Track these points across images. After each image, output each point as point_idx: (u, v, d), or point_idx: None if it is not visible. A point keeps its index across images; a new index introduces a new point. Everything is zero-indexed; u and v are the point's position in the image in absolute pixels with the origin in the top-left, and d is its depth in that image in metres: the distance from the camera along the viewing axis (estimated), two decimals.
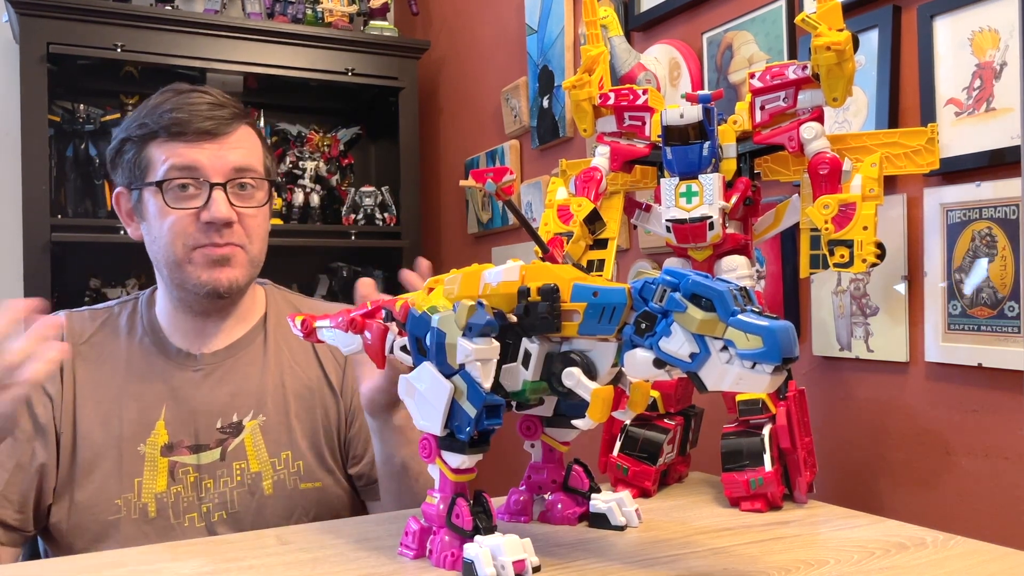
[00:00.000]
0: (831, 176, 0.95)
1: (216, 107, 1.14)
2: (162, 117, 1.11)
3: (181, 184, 1.11)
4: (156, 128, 1.11)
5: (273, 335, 1.25)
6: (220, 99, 1.15)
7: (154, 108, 1.13)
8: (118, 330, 1.19)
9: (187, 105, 1.12)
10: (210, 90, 1.17)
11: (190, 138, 1.11)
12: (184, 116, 1.11)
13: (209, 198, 1.10)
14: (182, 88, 1.16)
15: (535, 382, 0.74)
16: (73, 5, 2.16)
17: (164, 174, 1.11)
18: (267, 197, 1.19)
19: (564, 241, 1.01)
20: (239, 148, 1.15)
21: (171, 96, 1.14)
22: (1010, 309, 1.03)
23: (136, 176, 1.14)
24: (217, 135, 1.12)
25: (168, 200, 1.10)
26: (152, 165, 1.12)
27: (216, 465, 1.15)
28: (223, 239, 1.12)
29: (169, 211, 1.10)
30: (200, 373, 1.18)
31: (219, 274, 1.13)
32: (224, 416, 1.17)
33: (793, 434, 0.99)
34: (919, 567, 0.76)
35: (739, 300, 0.63)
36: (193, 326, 1.19)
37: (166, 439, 1.13)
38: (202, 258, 1.12)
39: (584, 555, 0.79)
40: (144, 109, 1.14)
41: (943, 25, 1.11)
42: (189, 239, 1.11)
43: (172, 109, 1.12)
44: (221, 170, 1.12)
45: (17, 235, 2.17)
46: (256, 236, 1.17)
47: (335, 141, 2.73)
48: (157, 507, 1.10)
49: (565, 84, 1.14)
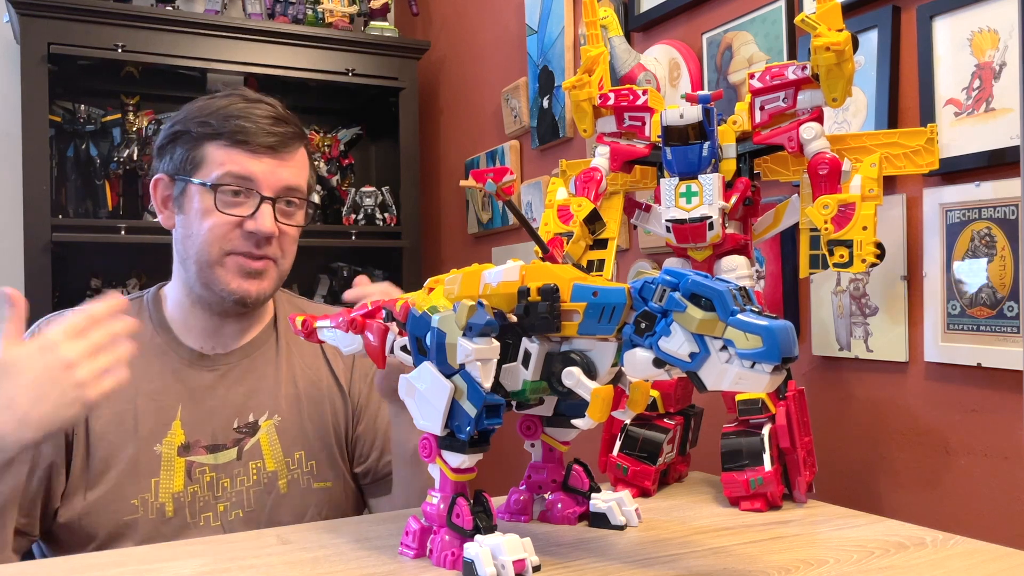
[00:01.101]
0: (831, 176, 0.96)
1: (279, 122, 1.15)
2: (228, 121, 1.12)
3: (234, 190, 1.11)
4: (220, 131, 1.12)
5: (284, 337, 1.26)
6: (282, 114, 1.16)
7: (219, 110, 1.13)
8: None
9: (253, 115, 1.13)
10: (274, 102, 1.17)
11: (252, 148, 1.12)
12: (250, 126, 1.12)
13: (258, 210, 1.12)
14: (249, 96, 1.17)
15: (535, 382, 0.74)
16: (74, 5, 2.16)
17: (219, 178, 1.11)
18: (306, 217, 1.20)
19: (564, 241, 1.01)
20: (293, 167, 1.16)
21: (238, 101, 1.15)
22: (1009, 309, 1.03)
23: (185, 169, 1.14)
24: (277, 151, 1.14)
25: (219, 203, 1.11)
26: (206, 164, 1.12)
27: (233, 464, 1.15)
28: (260, 251, 1.13)
29: (216, 213, 1.11)
30: (216, 373, 1.18)
31: (249, 285, 1.14)
32: (240, 416, 1.18)
33: (793, 434, 0.99)
34: (919, 567, 0.77)
35: (739, 300, 0.63)
36: (209, 325, 1.19)
37: (183, 439, 1.14)
38: (235, 265, 1.13)
39: (584, 554, 0.79)
40: (208, 108, 1.14)
41: (942, 25, 1.11)
42: (227, 244, 1.12)
43: (238, 116, 1.12)
44: (274, 185, 1.13)
45: (18, 235, 2.17)
46: (289, 253, 1.19)
47: (335, 141, 2.73)
48: (174, 507, 1.10)
49: (565, 84, 1.14)
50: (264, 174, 1.13)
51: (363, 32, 2.59)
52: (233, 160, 1.11)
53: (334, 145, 2.73)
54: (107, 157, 2.39)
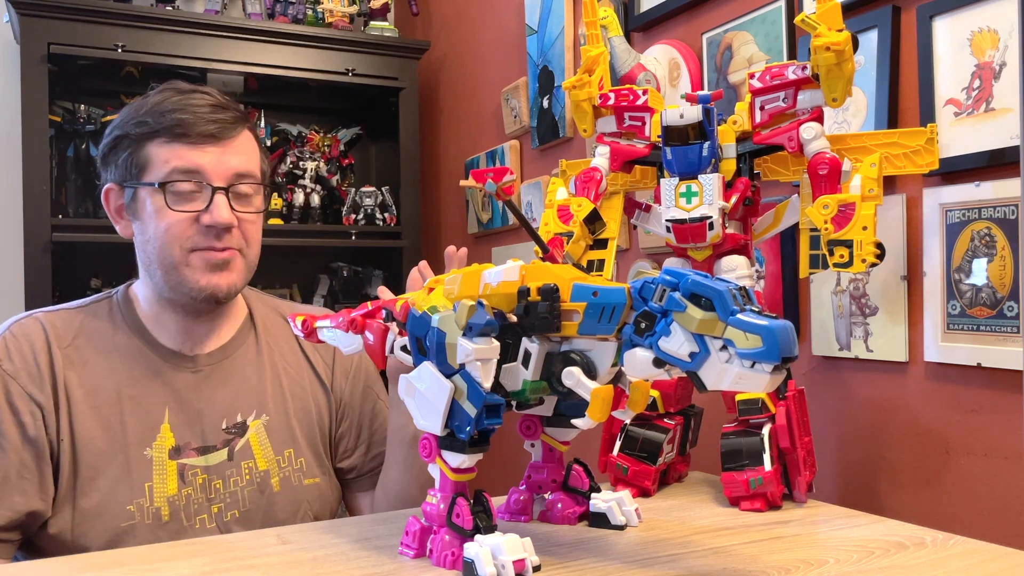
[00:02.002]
0: (830, 176, 0.96)
1: (219, 109, 1.12)
2: (164, 117, 1.10)
3: (183, 188, 1.10)
4: (157, 128, 1.10)
5: (262, 335, 1.25)
6: (221, 100, 1.14)
7: (154, 107, 1.11)
8: (101, 332, 1.16)
9: (190, 106, 1.11)
10: (210, 90, 1.15)
11: (193, 140, 1.10)
12: (188, 117, 1.10)
13: (211, 202, 1.10)
14: (183, 87, 1.14)
15: (535, 382, 0.74)
16: (74, 5, 2.16)
17: (166, 176, 1.09)
18: (264, 203, 1.19)
19: (564, 241, 1.01)
20: (241, 153, 1.14)
21: (172, 95, 1.12)
22: (1009, 309, 1.03)
23: (131, 174, 1.12)
24: (220, 139, 1.11)
25: (169, 202, 1.09)
26: (151, 165, 1.11)
27: (225, 465, 1.15)
28: (222, 243, 1.11)
29: (169, 213, 1.09)
30: (199, 375, 1.17)
31: (218, 279, 1.12)
32: (228, 417, 1.17)
33: (793, 434, 0.99)
34: (919, 567, 0.77)
35: (738, 300, 0.63)
36: (183, 327, 1.17)
37: (173, 442, 1.13)
38: (201, 262, 1.11)
39: (584, 554, 0.79)
40: (143, 107, 1.12)
41: (942, 25, 1.11)
42: (187, 242, 1.10)
43: (174, 109, 1.10)
44: (223, 174, 1.11)
45: (18, 235, 2.17)
46: (253, 241, 1.17)
47: (335, 141, 2.73)
48: (170, 510, 1.09)
49: (565, 84, 1.14)
50: (211, 164, 1.10)
51: (363, 32, 2.59)
52: (177, 155, 1.09)
53: (334, 145, 2.73)
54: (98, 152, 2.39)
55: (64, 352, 1.12)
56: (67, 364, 1.11)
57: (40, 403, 1.08)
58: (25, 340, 1.11)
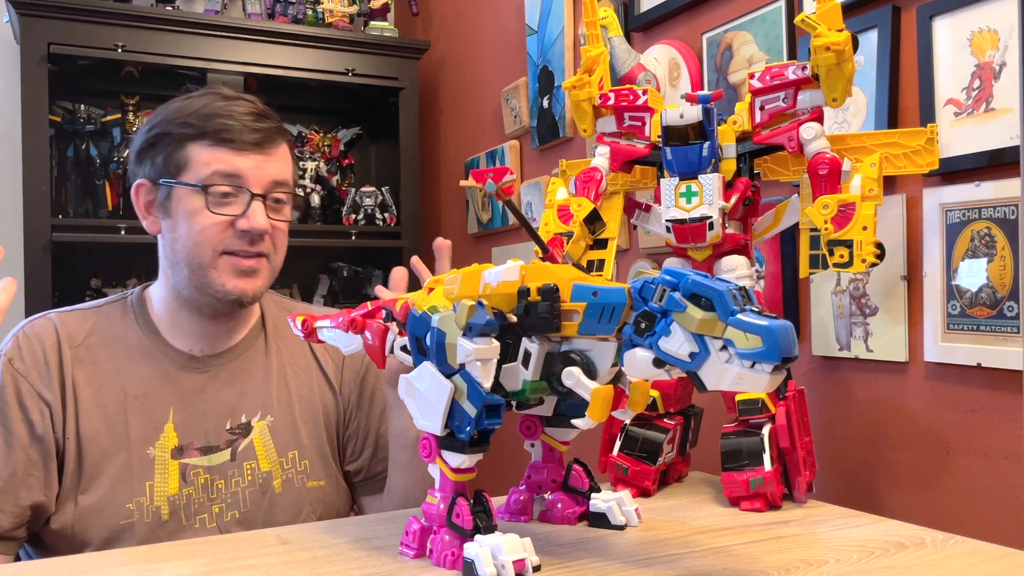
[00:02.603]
0: (830, 176, 0.96)
1: (261, 118, 1.14)
2: (209, 120, 1.11)
3: (223, 191, 1.10)
4: (203, 130, 1.11)
5: (272, 336, 1.25)
6: (263, 109, 1.16)
7: (200, 109, 1.12)
8: (113, 332, 1.17)
9: (235, 112, 1.12)
10: (252, 99, 1.16)
11: (237, 146, 1.11)
12: (234, 124, 1.11)
13: (248, 207, 1.11)
14: (227, 93, 1.16)
15: (535, 382, 0.74)
16: (74, 5, 2.16)
17: (207, 178, 1.10)
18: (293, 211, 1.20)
19: (564, 241, 1.01)
20: (279, 162, 1.15)
21: (216, 100, 1.14)
22: (1009, 309, 1.03)
23: (168, 173, 1.12)
24: (262, 147, 1.13)
25: (210, 204, 1.10)
26: (191, 165, 1.11)
27: (227, 466, 1.15)
28: (254, 248, 1.13)
29: (207, 214, 1.10)
30: (206, 375, 1.18)
31: (245, 284, 1.13)
32: (233, 417, 1.17)
33: (792, 434, 0.99)
34: (919, 567, 0.77)
35: (738, 300, 0.63)
36: (198, 327, 1.18)
37: (176, 442, 1.13)
38: (228, 266, 1.12)
39: (584, 554, 0.79)
40: (186, 109, 1.13)
41: (942, 25, 1.11)
42: (219, 244, 1.11)
43: (219, 115, 1.11)
44: (262, 181, 1.12)
45: (18, 235, 2.17)
46: (280, 248, 1.18)
47: (335, 141, 2.73)
48: (170, 509, 1.10)
49: (565, 84, 1.14)
50: (252, 171, 1.12)
51: (363, 32, 2.59)
52: (220, 159, 1.10)
53: (334, 145, 2.73)
54: (107, 157, 2.39)
55: (74, 351, 1.13)
56: (76, 363, 1.12)
57: (48, 401, 1.09)
58: (37, 339, 1.12)
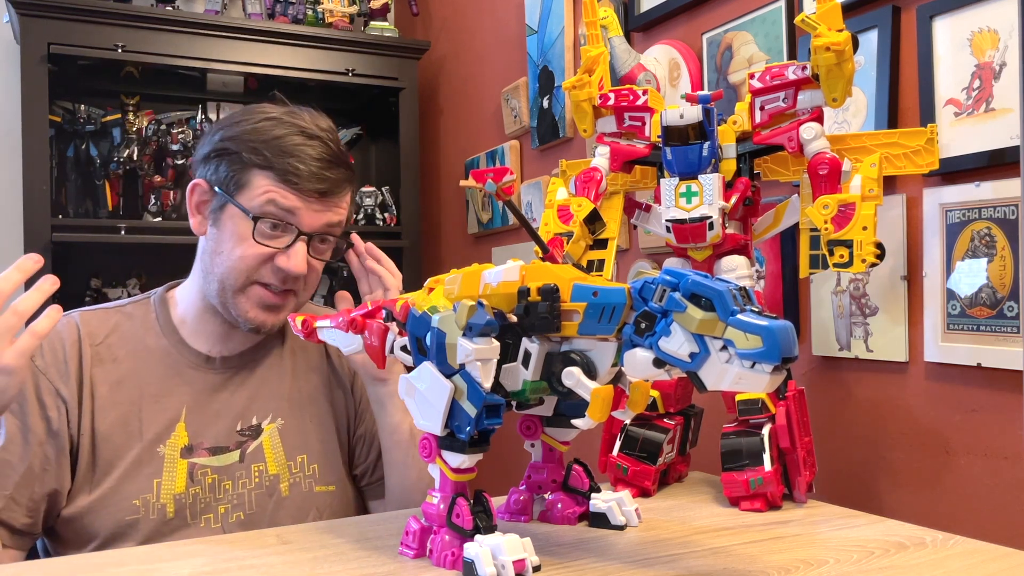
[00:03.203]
0: (831, 176, 0.96)
1: (331, 166, 1.12)
2: (280, 157, 1.09)
3: (273, 223, 1.10)
4: (271, 164, 1.09)
5: (290, 340, 1.26)
6: (336, 153, 1.13)
7: (274, 140, 1.10)
8: (133, 331, 1.18)
9: (307, 157, 1.10)
10: (330, 139, 1.14)
11: (300, 190, 1.10)
12: (303, 169, 1.09)
13: (292, 245, 1.10)
14: (307, 129, 1.12)
15: (535, 382, 0.74)
16: (74, 5, 2.16)
17: (261, 207, 1.09)
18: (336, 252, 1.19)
19: (564, 241, 1.01)
20: (338, 208, 1.15)
21: (295, 134, 1.11)
22: (1009, 309, 1.03)
23: (229, 188, 1.11)
24: (325, 196, 1.12)
25: (256, 235, 1.09)
26: (251, 188, 1.10)
27: (235, 467, 1.15)
28: (284, 285, 1.13)
29: (251, 243, 1.10)
30: (221, 376, 1.18)
31: (266, 317, 1.14)
32: (244, 419, 1.18)
33: (793, 434, 0.99)
34: (919, 567, 0.77)
35: (738, 300, 0.63)
36: (217, 329, 1.19)
37: (186, 441, 1.14)
38: (257, 297, 1.12)
39: (584, 554, 0.79)
40: (263, 134, 1.11)
41: (942, 25, 1.11)
42: (254, 274, 1.11)
43: (292, 154, 1.09)
44: (314, 225, 1.12)
45: (18, 235, 2.17)
46: (311, 284, 1.18)
47: None
48: (175, 508, 1.10)
49: (565, 85, 1.14)
50: (307, 213, 1.11)
51: (363, 32, 2.59)
52: (280, 194, 1.09)
53: None
54: (107, 157, 2.39)
55: (94, 349, 1.14)
56: (95, 361, 1.14)
57: (65, 398, 1.10)
58: (57, 337, 1.14)
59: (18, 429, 1.07)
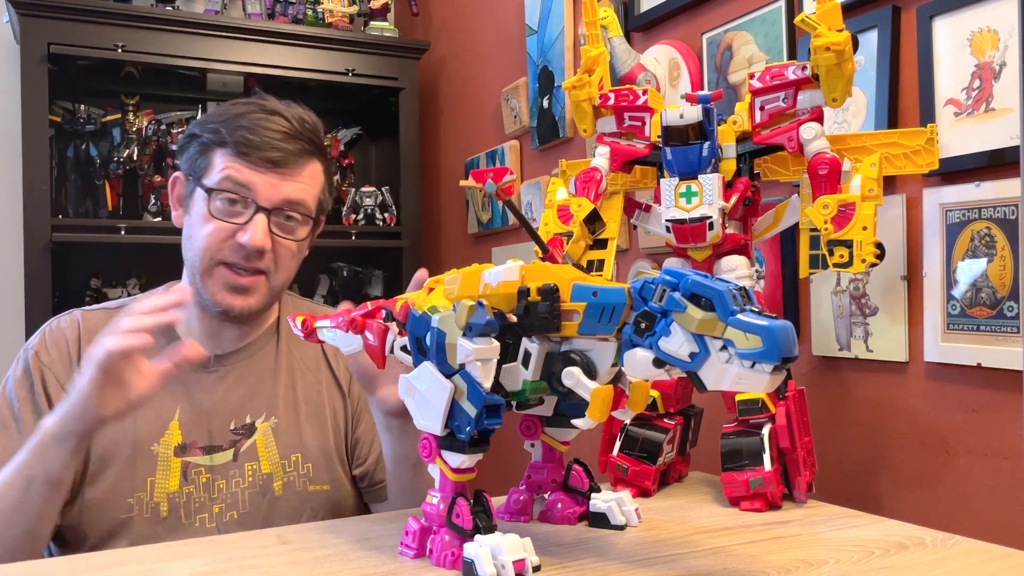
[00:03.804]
0: (830, 176, 0.96)
1: (290, 138, 1.13)
2: (236, 131, 1.11)
3: (230, 199, 1.11)
4: (226, 139, 1.11)
5: (285, 339, 1.26)
6: (297, 129, 1.14)
7: (233, 118, 1.12)
8: None
9: (262, 128, 1.11)
10: (290, 115, 1.15)
11: (253, 161, 1.11)
12: (255, 139, 1.10)
13: (251, 220, 1.10)
14: (266, 106, 1.14)
15: (535, 382, 0.74)
16: (74, 5, 2.16)
17: (217, 183, 1.11)
18: (309, 234, 1.19)
19: (564, 241, 1.01)
20: (298, 182, 1.14)
21: (253, 111, 1.13)
22: (1009, 309, 1.03)
23: (195, 171, 1.14)
24: (280, 166, 1.12)
25: (212, 209, 1.10)
26: (211, 169, 1.12)
27: (229, 466, 1.15)
28: (250, 264, 1.12)
29: (211, 219, 1.10)
30: (214, 375, 1.18)
31: (234, 300, 1.13)
32: (237, 418, 1.18)
33: (792, 434, 0.99)
34: (919, 567, 0.77)
35: (738, 300, 0.63)
36: (209, 327, 1.19)
37: (180, 439, 1.14)
38: (223, 279, 1.12)
39: (584, 554, 0.79)
40: (224, 114, 1.13)
41: (942, 26, 1.11)
42: (217, 254, 1.11)
43: (248, 128, 1.11)
44: (272, 198, 1.12)
45: (18, 235, 2.18)
46: (284, 266, 1.17)
47: (335, 141, 2.73)
48: (169, 507, 1.11)
49: (565, 85, 1.14)
50: (263, 185, 1.11)
51: (363, 32, 2.59)
52: (234, 167, 1.11)
53: (334, 145, 2.73)
54: (107, 157, 2.40)
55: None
56: None
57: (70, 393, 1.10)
58: (61, 334, 1.16)
59: (35, 422, 1.07)
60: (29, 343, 1.17)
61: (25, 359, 1.15)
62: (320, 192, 1.19)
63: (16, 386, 1.13)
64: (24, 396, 1.12)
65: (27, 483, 0.98)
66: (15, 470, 0.99)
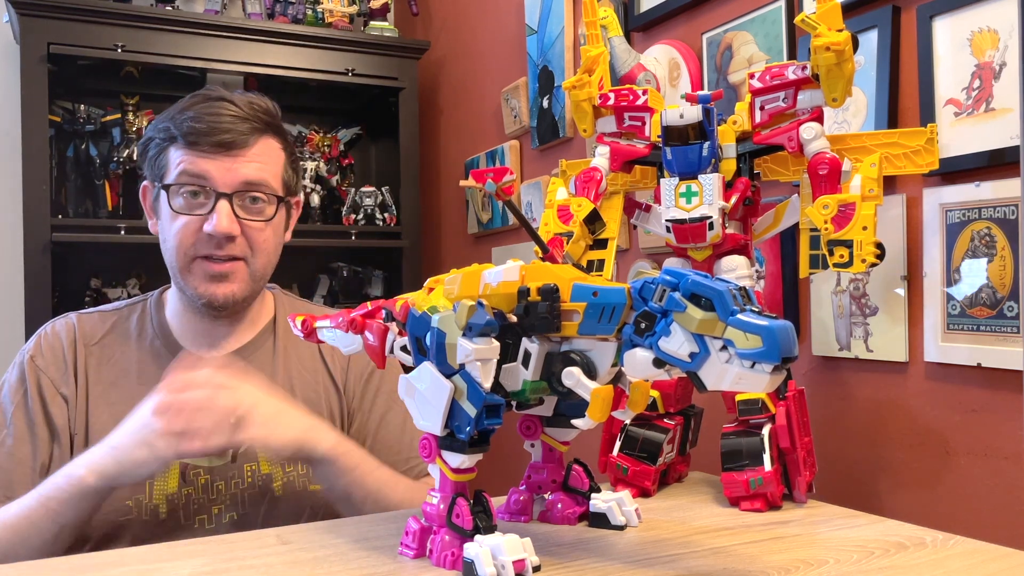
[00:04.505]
0: (830, 176, 0.96)
1: (239, 120, 1.13)
2: (183, 124, 1.11)
3: (191, 191, 1.11)
4: (176, 134, 1.12)
5: (282, 339, 1.26)
6: (245, 111, 1.14)
7: (179, 113, 1.13)
8: (128, 332, 1.20)
9: (208, 116, 1.11)
10: (238, 100, 1.15)
11: (204, 149, 1.11)
12: (202, 127, 1.11)
13: (213, 209, 1.11)
14: (211, 95, 1.15)
15: (535, 382, 0.74)
16: (73, 5, 2.16)
17: (175, 179, 1.11)
18: (282, 215, 1.19)
19: (564, 241, 1.01)
20: (254, 162, 1.14)
21: (198, 103, 1.14)
22: (1009, 309, 1.03)
23: (155, 175, 1.15)
24: (231, 149, 1.12)
25: (174, 205, 1.11)
26: (168, 168, 1.13)
27: (227, 467, 1.15)
28: (224, 252, 1.12)
29: (175, 216, 1.11)
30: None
31: (215, 288, 1.13)
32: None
33: (792, 434, 0.99)
34: (919, 567, 0.77)
35: (738, 300, 0.63)
36: (203, 328, 1.19)
37: None
38: (201, 271, 1.13)
39: (584, 555, 0.79)
40: (172, 111, 1.15)
41: (942, 25, 1.11)
42: (191, 249, 1.12)
43: (194, 117, 1.11)
44: (230, 182, 1.12)
45: (18, 235, 2.18)
46: (261, 250, 1.16)
47: (335, 141, 2.73)
48: (168, 508, 1.11)
49: (565, 84, 1.14)
50: (219, 170, 1.11)
51: (363, 32, 2.59)
52: (188, 160, 1.11)
53: (334, 145, 2.73)
54: (107, 157, 2.40)
55: (89, 349, 1.16)
56: (90, 361, 1.16)
57: (66, 396, 1.13)
58: (56, 338, 1.16)
59: (27, 428, 1.08)
60: (25, 347, 1.18)
61: (21, 363, 1.16)
62: (282, 170, 1.19)
63: (11, 391, 1.14)
64: (18, 401, 1.13)
65: (58, 529, 0.98)
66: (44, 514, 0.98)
